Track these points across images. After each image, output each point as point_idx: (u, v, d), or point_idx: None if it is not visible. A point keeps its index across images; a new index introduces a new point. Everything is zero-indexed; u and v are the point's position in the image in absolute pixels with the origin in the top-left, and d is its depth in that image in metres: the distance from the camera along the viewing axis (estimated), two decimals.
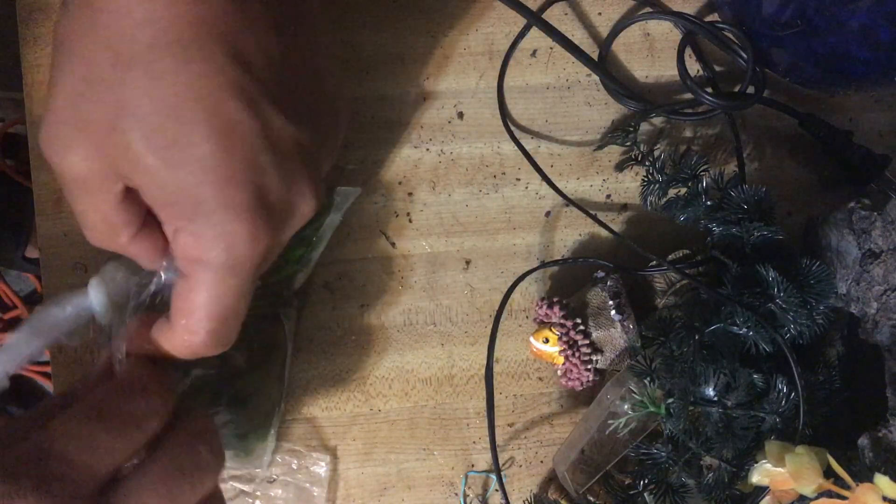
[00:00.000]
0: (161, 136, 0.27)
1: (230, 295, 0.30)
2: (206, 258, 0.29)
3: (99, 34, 0.26)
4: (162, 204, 0.29)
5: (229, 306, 0.30)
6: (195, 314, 0.30)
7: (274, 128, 0.28)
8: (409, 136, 0.48)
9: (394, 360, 0.47)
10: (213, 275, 0.29)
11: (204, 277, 0.30)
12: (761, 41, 0.47)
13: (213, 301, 0.30)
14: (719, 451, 0.40)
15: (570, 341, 0.45)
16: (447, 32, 0.48)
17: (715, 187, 0.46)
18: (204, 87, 0.26)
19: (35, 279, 1.12)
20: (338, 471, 0.46)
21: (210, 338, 0.31)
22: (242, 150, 0.28)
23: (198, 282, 0.30)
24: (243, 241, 0.28)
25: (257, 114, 0.28)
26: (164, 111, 0.26)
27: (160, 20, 0.26)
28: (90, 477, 0.27)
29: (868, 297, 0.43)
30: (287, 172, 0.29)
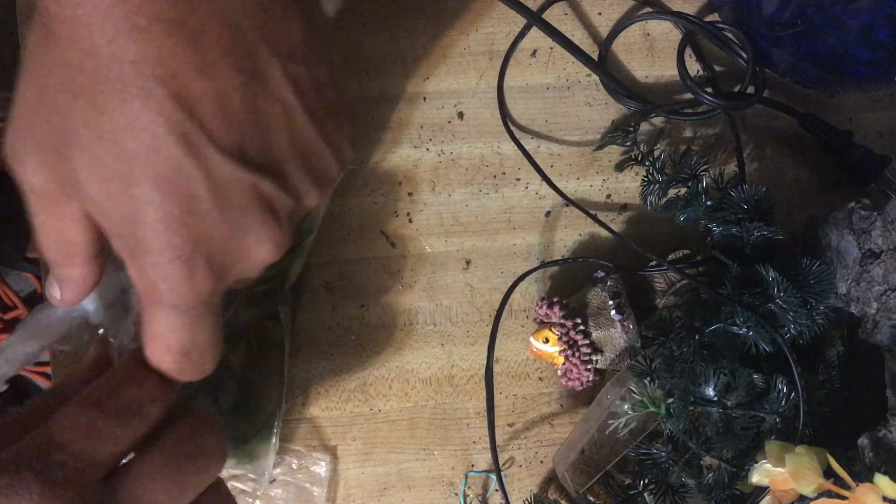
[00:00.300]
0: (102, 169, 0.27)
1: (182, 330, 0.30)
2: (149, 295, 0.29)
3: (52, 56, 0.26)
4: (108, 233, 0.29)
5: (185, 340, 0.30)
6: (155, 345, 0.30)
7: (220, 175, 0.27)
8: (409, 136, 0.48)
9: (394, 360, 0.47)
10: (160, 311, 0.29)
11: (153, 311, 0.30)
12: (761, 41, 0.47)
13: (167, 335, 0.30)
14: (719, 451, 0.40)
15: (570, 341, 0.45)
16: (447, 32, 0.48)
17: (715, 187, 0.46)
18: (143, 128, 0.26)
19: (35, 279, 1.12)
20: (338, 471, 0.46)
21: (177, 367, 0.31)
22: (180, 194, 0.27)
23: (150, 315, 0.30)
24: (181, 285, 0.28)
25: (199, 160, 0.27)
26: (105, 145, 0.26)
27: (102, 54, 0.25)
28: (92, 465, 0.27)
29: (868, 297, 0.43)
30: (236, 220, 0.29)
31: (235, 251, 0.29)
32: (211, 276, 0.29)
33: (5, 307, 1.12)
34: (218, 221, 0.28)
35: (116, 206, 0.27)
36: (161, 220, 0.27)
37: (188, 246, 0.28)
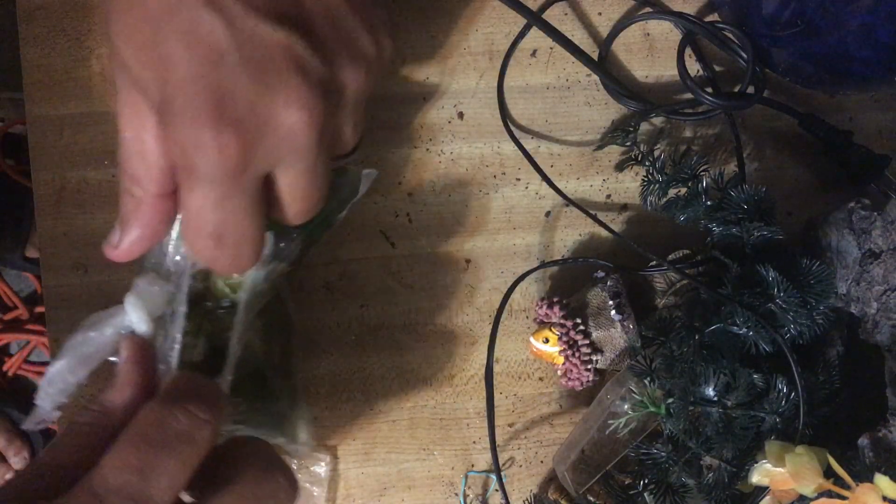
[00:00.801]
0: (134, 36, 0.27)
1: (215, 209, 0.29)
2: (183, 168, 0.29)
3: None
4: (154, 110, 0.29)
5: (218, 220, 0.29)
6: (190, 229, 0.30)
7: (246, 28, 0.27)
8: (409, 136, 0.48)
9: (394, 360, 0.47)
10: (195, 187, 0.29)
11: (188, 188, 0.29)
12: (761, 41, 0.47)
13: (201, 215, 0.29)
14: (719, 451, 0.40)
15: (570, 341, 0.45)
16: (447, 32, 0.48)
17: (715, 187, 0.46)
18: None
19: (35, 279, 1.12)
20: (338, 471, 0.46)
21: (212, 256, 0.30)
22: (204, 49, 0.27)
23: (185, 195, 0.29)
24: (210, 148, 0.27)
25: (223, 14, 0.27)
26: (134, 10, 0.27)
27: None
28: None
29: (868, 297, 0.43)
30: (263, 77, 0.28)
31: (264, 113, 0.28)
32: (239, 140, 0.28)
33: (5, 307, 1.12)
34: (244, 77, 0.27)
35: (148, 71, 0.27)
36: (186, 76, 0.27)
37: (214, 103, 0.27)
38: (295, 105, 0.28)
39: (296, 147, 0.29)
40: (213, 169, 0.28)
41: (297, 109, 0.28)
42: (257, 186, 0.30)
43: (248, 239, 0.31)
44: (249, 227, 0.31)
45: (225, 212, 0.29)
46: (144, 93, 0.29)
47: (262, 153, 0.29)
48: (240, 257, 0.31)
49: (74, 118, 0.45)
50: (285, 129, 0.29)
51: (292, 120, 0.28)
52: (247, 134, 0.28)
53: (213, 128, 0.27)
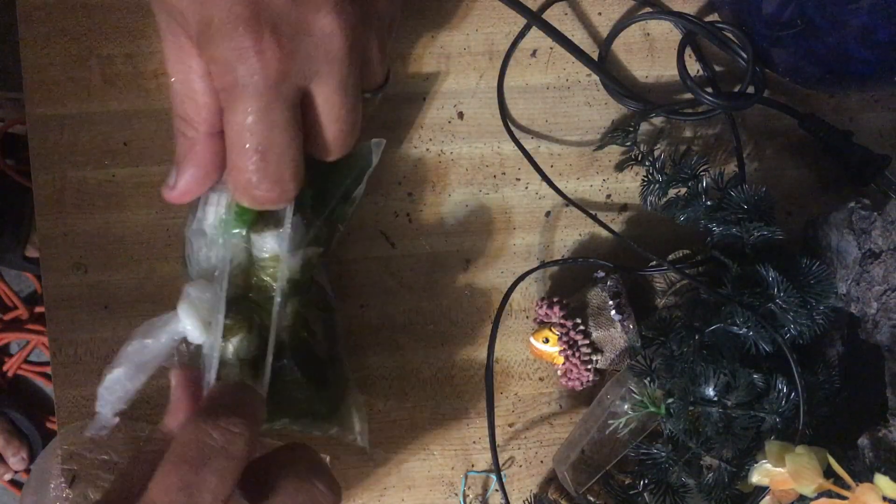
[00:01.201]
0: None
1: (259, 121, 0.31)
2: (223, 82, 0.30)
3: None
4: (195, 44, 0.30)
5: (261, 133, 0.31)
6: (234, 149, 0.32)
7: None
8: (409, 136, 0.48)
9: (394, 360, 0.47)
10: (237, 100, 0.30)
11: (230, 107, 0.31)
12: (761, 41, 0.47)
13: (244, 129, 0.31)
14: (719, 451, 0.40)
15: (570, 341, 0.45)
16: (447, 32, 0.48)
17: (715, 187, 0.46)
18: None
19: (35, 279, 1.12)
20: (338, 471, 0.46)
21: (257, 177, 0.32)
22: None
23: (227, 113, 0.31)
24: (251, 56, 0.29)
25: None
26: None
27: None
28: None
29: (868, 297, 0.43)
30: None
31: (298, 19, 0.30)
32: (277, 45, 0.29)
33: (5, 307, 1.12)
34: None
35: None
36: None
37: (249, 12, 0.29)
38: (327, 9, 0.30)
39: (330, 54, 0.31)
40: (254, 77, 0.30)
41: (330, 14, 0.30)
42: (295, 101, 0.32)
43: (289, 158, 0.32)
44: (291, 144, 0.32)
45: (268, 123, 0.31)
46: (184, 25, 0.30)
47: (299, 61, 0.30)
48: (281, 180, 0.32)
49: (74, 118, 0.45)
50: (320, 34, 0.30)
51: (326, 23, 0.30)
52: (284, 39, 0.29)
53: (252, 34, 0.29)
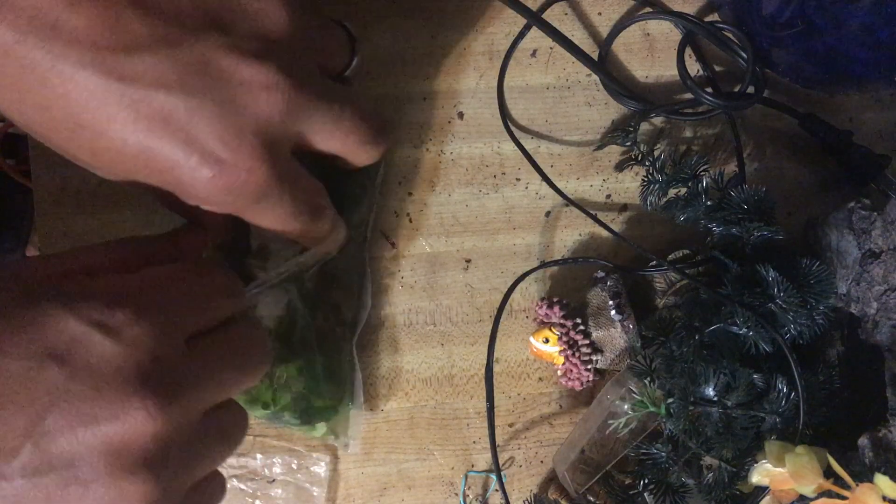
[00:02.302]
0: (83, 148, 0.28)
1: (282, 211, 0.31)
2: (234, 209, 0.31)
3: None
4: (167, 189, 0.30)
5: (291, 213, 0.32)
6: (287, 231, 0.33)
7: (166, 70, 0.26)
8: (409, 136, 0.48)
9: (394, 360, 0.47)
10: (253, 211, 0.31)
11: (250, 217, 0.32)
12: (761, 41, 0.47)
13: (276, 223, 0.32)
14: (719, 451, 0.40)
15: (570, 341, 0.45)
16: (447, 32, 0.48)
17: (715, 187, 0.46)
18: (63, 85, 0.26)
19: None
20: (338, 471, 0.46)
21: (313, 230, 0.34)
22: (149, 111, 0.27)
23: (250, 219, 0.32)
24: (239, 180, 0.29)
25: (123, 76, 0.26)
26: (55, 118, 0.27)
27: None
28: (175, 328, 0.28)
29: (868, 297, 0.43)
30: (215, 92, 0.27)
31: (239, 113, 0.28)
32: (249, 147, 0.28)
33: None
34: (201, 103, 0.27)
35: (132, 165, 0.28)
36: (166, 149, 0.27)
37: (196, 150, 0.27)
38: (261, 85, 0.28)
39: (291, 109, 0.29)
40: (255, 190, 0.29)
41: (263, 86, 0.28)
42: (291, 158, 0.31)
43: (315, 193, 0.33)
44: (307, 185, 0.33)
45: (291, 203, 0.31)
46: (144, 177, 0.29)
47: (277, 143, 0.30)
48: (324, 213, 0.34)
49: None
50: (264, 110, 0.29)
51: (265, 99, 0.28)
52: (257, 139, 0.29)
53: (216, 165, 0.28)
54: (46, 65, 0.25)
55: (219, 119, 0.27)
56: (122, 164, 0.28)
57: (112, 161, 0.27)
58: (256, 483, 0.45)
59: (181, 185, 0.28)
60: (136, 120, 0.26)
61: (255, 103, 0.28)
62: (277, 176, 0.30)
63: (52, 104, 0.26)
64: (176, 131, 0.27)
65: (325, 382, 0.42)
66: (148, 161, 0.27)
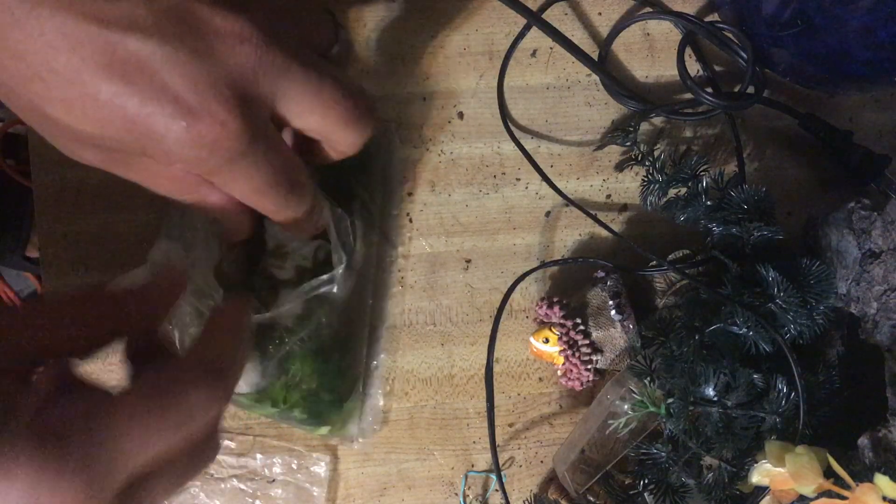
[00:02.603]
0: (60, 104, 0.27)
1: (258, 177, 0.30)
2: (205, 173, 0.29)
3: None
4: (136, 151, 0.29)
5: (268, 180, 0.30)
6: (252, 203, 0.31)
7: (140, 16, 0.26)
8: (409, 136, 0.48)
9: (394, 360, 0.47)
10: (221, 178, 0.30)
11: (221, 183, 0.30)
12: (761, 41, 0.47)
13: (251, 193, 0.31)
14: (719, 451, 0.40)
15: (570, 341, 0.45)
16: (447, 32, 0.48)
17: (715, 187, 0.46)
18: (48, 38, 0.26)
19: (35, 279, 1.12)
20: (338, 471, 0.46)
21: (290, 208, 0.32)
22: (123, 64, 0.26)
23: (222, 186, 0.30)
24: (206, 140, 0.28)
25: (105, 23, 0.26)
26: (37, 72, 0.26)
27: None
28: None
29: (868, 297, 0.43)
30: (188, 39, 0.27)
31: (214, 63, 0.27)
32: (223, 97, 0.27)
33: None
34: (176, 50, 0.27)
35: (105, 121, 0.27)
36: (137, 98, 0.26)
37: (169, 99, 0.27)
38: (230, 41, 0.28)
39: (265, 65, 0.29)
40: (227, 152, 0.28)
41: (237, 44, 0.28)
42: (268, 124, 0.30)
43: (293, 167, 0.32)
44: (285, 156, 0.31)
45: (266, 169, 0.30)
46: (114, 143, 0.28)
47: (252, 101, 0.29)
48: (304, 189, 0.32)
49: None
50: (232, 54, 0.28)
51: (238, 54, 0.28)
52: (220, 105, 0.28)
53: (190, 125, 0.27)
54: (25, 8, 0.25)
55: (193, 67, 0.27)
56: (93, 116, 0.27)
57: (84, 113, 0.27)
58: (256, 483, 0.45)
59: (153, 140, 0.28)
60: (111, 64, 0.26)
61: (229, 54, 0.28)
62: (252, 134, 0.29)
63: (27, 49, 0.25)
64: (150, 78, 0.26)
65: (339, 379, 0.42)
66: (120, 110, 0.27)
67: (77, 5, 0.25)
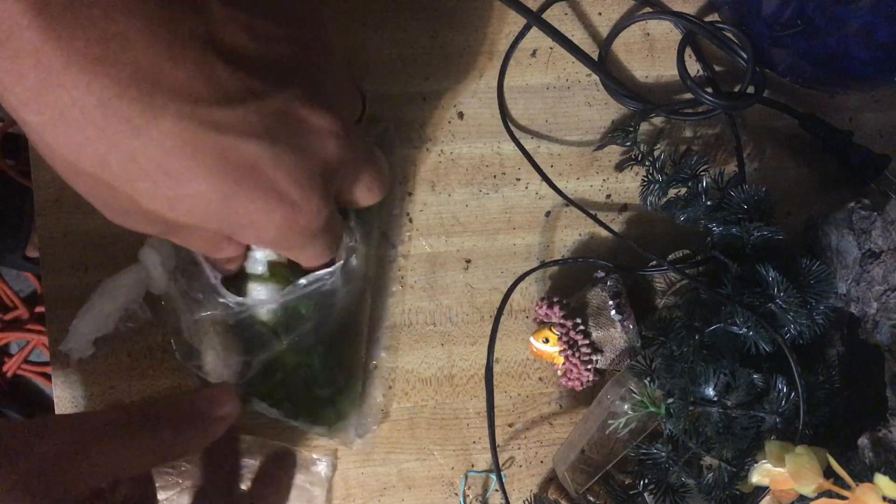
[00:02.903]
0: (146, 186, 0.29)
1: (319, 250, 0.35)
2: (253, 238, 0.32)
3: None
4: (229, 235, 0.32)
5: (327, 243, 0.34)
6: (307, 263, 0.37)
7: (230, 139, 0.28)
8: (409, 136, 0.48)
9: (394, 360, 0.47)
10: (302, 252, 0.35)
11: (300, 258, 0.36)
12: (761, 41, 0.47)
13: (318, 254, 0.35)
14: (719, 451, 0.40)
15: (570, 341, 0.45)
16: (447, 32, 0.48)
17: (715, 187, 0.46)
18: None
19: (35, 279, 1.12)
20: (338, 471, 0.46)
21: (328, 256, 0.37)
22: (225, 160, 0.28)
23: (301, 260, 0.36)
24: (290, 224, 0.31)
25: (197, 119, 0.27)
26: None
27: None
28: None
29: (868, 297, 0.43)
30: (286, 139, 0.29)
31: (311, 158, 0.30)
32: (319, 189, 0.30)
33: (5, 307, 1.12)
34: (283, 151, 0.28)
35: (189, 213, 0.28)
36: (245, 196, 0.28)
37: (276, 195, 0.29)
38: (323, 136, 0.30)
39: (347, 155, 0.32)
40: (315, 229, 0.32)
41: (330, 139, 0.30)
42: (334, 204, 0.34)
43: (341, 227, 0.37)
44: (339, 224, 0.36)
45: (333, 238, 0.35)
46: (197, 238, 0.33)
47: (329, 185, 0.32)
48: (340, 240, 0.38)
49: None
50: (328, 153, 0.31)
51: (328, 147, 0.30)
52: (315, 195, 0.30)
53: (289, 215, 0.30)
54: (146, 117, 0.25)
55: (295, 163, 0.29)
56: (198, 212, 0.28)
57: (189, 209, 0.28)
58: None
59: (250, 228, 0.30)
60: (225, 167, 0.27)
61: (322, 148, 0.30)
62: (330, 215, 0.32)
63: (142, 154, 0.26)
64: (259, 176, 0.28)
65: (330, 377, 0.42)
66: (228, 207, 0.28)
67: (198, 114, 0.26)
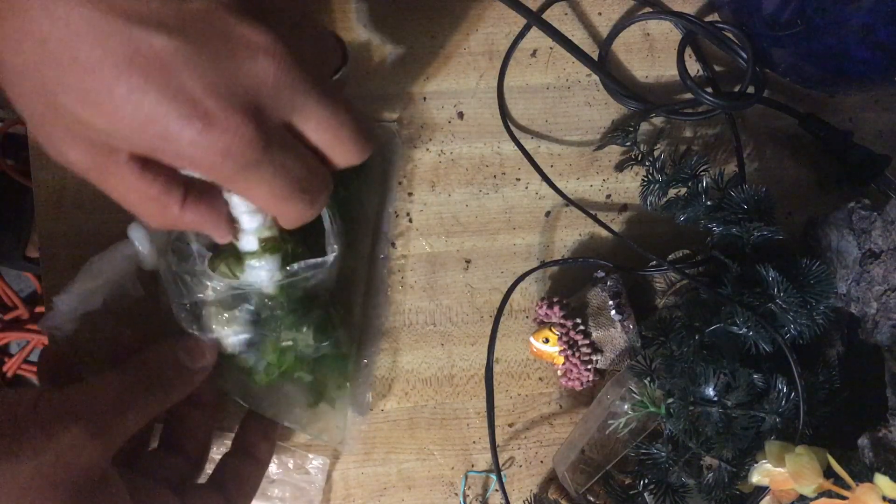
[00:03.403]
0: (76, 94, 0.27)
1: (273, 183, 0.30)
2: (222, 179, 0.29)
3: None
4: (148, 152, 0.29)
5: (284, 188, 0.30)
6: (268, 208, 0.33)
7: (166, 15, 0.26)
8: (409, 136, 0.48)
9: (394, 360, 0.47)
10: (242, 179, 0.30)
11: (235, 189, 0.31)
12: (761, 41, 0.47)
13: (265, 198, 0.31)
14: (719, 451, 0.40)
15: (570, 341, 0.45)
16: (447, 32, 0.48)
17: (715, 187, 0.46)
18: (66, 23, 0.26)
19: (35, 279, 1.12)
20: (338, 471, 0.46)
21: (303, 212, 0.32)
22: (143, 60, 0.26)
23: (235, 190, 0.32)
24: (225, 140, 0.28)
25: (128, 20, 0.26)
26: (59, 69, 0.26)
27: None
28: None
29: (868, 297, 0.43)
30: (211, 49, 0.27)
31: (233, 70, 0.27)
32: (238, 104, 0.28)
33: (5, 307, 1.12)
34: (198, 52, 0.27)
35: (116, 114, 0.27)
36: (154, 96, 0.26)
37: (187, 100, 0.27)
38: (258, 49, 0.28)
39: (285, 80, 0.29)
40: (242, 157, 0.28)
41: (260, 51, 0.28)
42: (284, 133, 0.30)
43: (313, 176, 0.32)
44: (304, 165, 0.31)
45: (282, 178, 0.30)
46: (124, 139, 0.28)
47: (266, 111, 0.29)
48: (318, 198, 0.33)
49: None
50: (261, 81, 0.28)
51: (263, 67, 0.28)
52: (240, 105, 0.28)
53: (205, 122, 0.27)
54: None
55: (213, 72, 0.27)
56: (107, 109, 0.27)
57: (98, 104, 0.27)
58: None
59: (166, 140, 0.28)
60: (133, 59, 0.26)
61: (249, 64, 0.28)
62: (265, 142, 0.29)
63: (51, 35, 0.25)
64: (170, 77, 0.26)
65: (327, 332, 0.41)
66: (137, 105, 0.27)
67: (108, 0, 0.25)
